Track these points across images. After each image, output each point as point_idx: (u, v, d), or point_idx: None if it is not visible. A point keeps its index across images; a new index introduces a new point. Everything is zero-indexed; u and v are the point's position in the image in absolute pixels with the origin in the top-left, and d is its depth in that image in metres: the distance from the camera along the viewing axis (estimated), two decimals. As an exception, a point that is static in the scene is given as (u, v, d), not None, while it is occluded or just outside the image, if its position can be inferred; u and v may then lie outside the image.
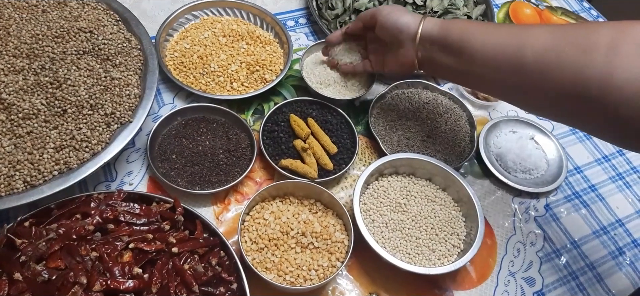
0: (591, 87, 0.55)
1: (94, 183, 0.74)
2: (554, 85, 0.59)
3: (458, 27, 0.69)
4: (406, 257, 0.71)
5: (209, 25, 0.92)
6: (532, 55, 0.60)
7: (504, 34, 0.64)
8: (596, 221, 0.85)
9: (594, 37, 0.56)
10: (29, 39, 0.72)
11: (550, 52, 0.58)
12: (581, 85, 0.56)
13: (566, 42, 0.57)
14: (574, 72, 0.56)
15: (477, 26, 0.68)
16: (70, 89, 0.70)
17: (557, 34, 0.59)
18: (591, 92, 0.55)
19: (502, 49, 0.63)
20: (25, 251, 0.55)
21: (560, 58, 0.57)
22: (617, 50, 0.54)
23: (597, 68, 0.54)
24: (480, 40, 0.66)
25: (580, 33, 0.58)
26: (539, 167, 0.87)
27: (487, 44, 0.65)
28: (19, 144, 0.65)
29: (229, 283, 0.62)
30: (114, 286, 0.54)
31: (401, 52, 0.75)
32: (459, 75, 0.73)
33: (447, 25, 0.70)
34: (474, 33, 0.67)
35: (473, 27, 0.68)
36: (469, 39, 0.67)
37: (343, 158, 0.80)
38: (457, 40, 0.68)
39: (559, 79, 0.58)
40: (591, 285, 0.78)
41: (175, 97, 0.85)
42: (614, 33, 0.55)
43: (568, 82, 0.57)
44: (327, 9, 1.00)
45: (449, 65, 0.71)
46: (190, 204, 0.69)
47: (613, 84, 0.53)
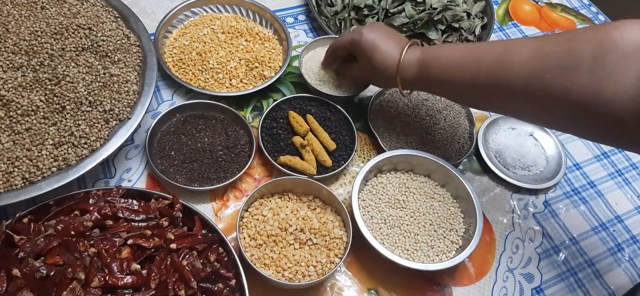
0: (581, 107, 0.55)
1: (92, 180, 0.74)
2: (543, 108, 0.60)
3: (437, 67, 0.69)
4: (405, 253, 0.71)
5: (208, 22, 0.92)
6: (517, 87, 0.60)
7: (485, 68, 0.64)
8: (595, 217, 0.85)
9: (577, 56, 0.55)
10: (27, 35, 0.72)
11: (536, 81, 0.58)
12: (570, 106, 0.56)
13: (549, 67, 0.57)
14: (563, 97, 0.56)
15: (457, 61, 0.67)
16: (69, 86, 0.70)
17: (537, 58, 0.59)
18: (581, 111, 0.56)
19: (488, 83, 0.63)
20: (23, 247, 0.55)
21: (547, 85, 0.57)
22: (602, 65, 0.53)
23: (583, 89, 0.54)
24: (463, 79, 0.66)
25: (562, 51, 0.57)
26: (537, 163, 0.87)
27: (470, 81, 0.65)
28: (18, 141, 0.65)
29: (228, 279, 0.62)
30: (112, 282, 0.54)
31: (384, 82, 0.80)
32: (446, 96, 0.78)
33: (425, 64, 0.70)
34: (455, 71, 0.67)
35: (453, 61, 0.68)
36: (450, 79, 0.68)
37: (342, 155, 0.80)
38: (438, 79, 0.69)
39: (548, 103, 0.59)
40: (590, 281, 0.78)
41: (174, 94, 0.85)
42: (595, 45, 0.54)
43: (557, 105, 0.58)
44: (327, 6, 1.00)
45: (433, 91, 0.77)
46: (189, 201, 0.69)
47: (602, 100, 0.53)
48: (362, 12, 0.96)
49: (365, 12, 0.96)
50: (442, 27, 0.96)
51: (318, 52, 0.90)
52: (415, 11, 0.95)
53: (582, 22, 1.17)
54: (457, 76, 0.67)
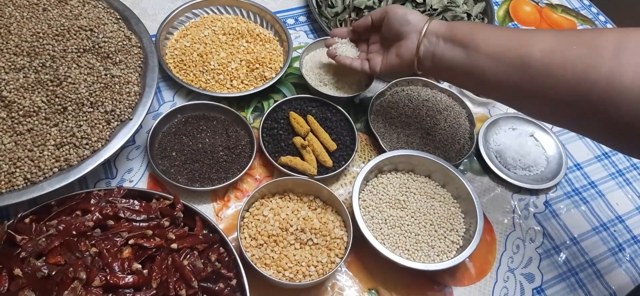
0: (597, 88, 0.54)
1: (94, 181, 0.74)
2: (558, 85, 0.58)
3: (465, 24, 0.70)
4: (405, 253, 0.71)
5: (209, 23, 0.93)
6: (538, 53, 0.59)
7: (510, 33, 0.64)
8: (596, 217, 0.85)
9: (600, 40, 0.55)
10: (29, 37, 0.73)
11: (556, 52, 0.58)
12: (586, 85, 0.55)
13: (572, 43, 0.57)
14: (580, 72, 0.55)
15: (484, 26, 0.69)
16: (71, 87, 0.70)
17: (562, 36, 0.59)
18: (596, 93, 0.54)
19: (508, 44, 0.63)
20: (25, 247, 0.55)
21: (566, 58, 0.57)
22: (624, 52, 0.53)
23: (603, 69, 0.54)
24: (487, 35, 0.65)
25: (585, 36, 0.57)
26: (538, 163, 0.87)
27: (494, 39, 0.64)
28: (20, 141, 0.65)
29: (229, 279, 0.63)
30: (114, 281, 0.54)
31: (403, 45, 0.73)
32: (461, 72, 0.69)
33: (454, 23, 0.71)
34: (481, 29, 0.67)
35: (480, 26, 0.69)
36: (476, 34, 0.66)
37: (342, 155, 0.80)
38: (463, 33, 0.68)
39: (564, 79, 0.57)
40: (591, 281, 0.78)
41: (176, 95, 0.85)
42: (619, 36, 0.54)
43: (573, 83, 0.56)
44: (327, 7, 1.00)
45: (451, 59, 0.69)
46: (190, 201, 0.69)
47: (619, 86, 0.53)
48: (363, 13, 0.96)
49: (365, 13, 0.96)
50: (442, 28, 0.96)
51: (319, 53, 0.90)
52: (416, 12, 0.95)
53: (583, 22, 1.17)
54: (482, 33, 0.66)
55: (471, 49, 0.66)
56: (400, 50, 0.74)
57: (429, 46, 0.71)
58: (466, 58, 0.67)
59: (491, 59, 0.64)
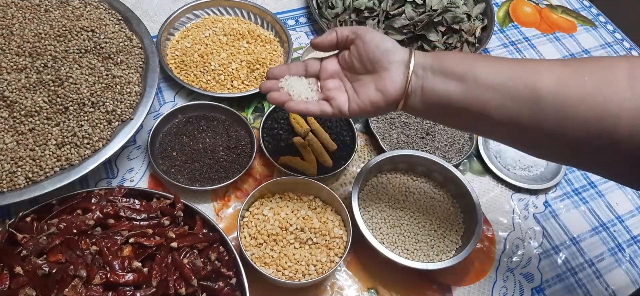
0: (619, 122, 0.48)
1: (95, 180, 0.75)
2: (576, 120, 0.50)
3: (455, 55, 0.59)
4: (405, 253, 0.72)
5: (210, 24, 0.93)
6: (549, 84, 0.51)
7: (512, 62, 0.55)
8: (595, 218, 0.85)
9: (612, 70, 0.49)
10: (31, 37, 0.73)
11: (569, 83, 0.50)
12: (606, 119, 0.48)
13: (584, 73, 0.50)
14: (598, 105, 0.49)
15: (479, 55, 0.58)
16: (72, 87, 0.70)
17: (571, 66, 0.52)
18: (619, 127, 0.48)
19: (513, 74, 0.53)
20: (26, 245, 0.56)
21: (581, 88, 0.49)
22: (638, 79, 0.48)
23: (622, 100, 0.48)
24: (486, 65, 0.55)
25: (595, 65, 0.51)
26: (538, 163, 0.88)
27: (495, 69, 0.54)
28: (21, 141, 0.66)
29: (228, 278, 0.63)
30: (114, 279, 0.54)
31: (386, 78, 0.59)
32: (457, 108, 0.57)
33: (439, 54, 0.59)
34: (477, 59, 0.56)
35: (475, 55, 0.60)
36: (473, 64, 0.55)
37: (342, 155, 0.81)
38: (456, 64, 0.56)
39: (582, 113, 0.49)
40: (590, 281, 0.78)
41: (176, 95, 0.86)
42: (629, 63, 0.49)
43: (592, 117, 0.49)
44: (327, 8, 1.01)
45: (445, 94, 0.57)
46: (191, 201, 0.70)
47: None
48: (363, 14, 0.97)
49: (365, 14, 0.97)
50: (442, 29, 0.96)
51: (319, 54, 0.91)
52: (416, 13, 0.95)
53: (583, 23, 1.17)
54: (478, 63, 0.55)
55: (469, 81, 0.55)
56: (383, 85, 0.59)
57: (417, 80, 0.58)
58: (464, 92, 0.55)
59: (495, 91, 0.53)
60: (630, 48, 1.15)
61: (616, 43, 1.15)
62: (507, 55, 1.07)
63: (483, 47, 0.99)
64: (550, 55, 1.09)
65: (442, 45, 0.96)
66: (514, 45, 1.09)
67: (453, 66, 0.56)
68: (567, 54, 1.10)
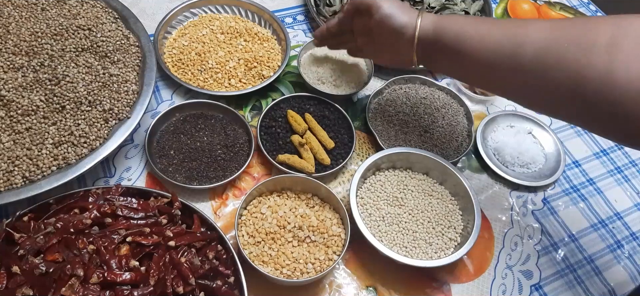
0: (592, 87, 0.54)
1: (92, 179, 0.74)
2: (554, 85, 0.57)
3: (453, 28, 0.66)
4: (403, 250, 0.72)
5: (207, 22, 0.93)
6: (530, 56, 0.58)
7: (500, 33, 0.62)
8: (594, 214, 0.85)
9: (593, 35, 0.54)
10: (28, 36, 0.73)
11: (549, 52, 0.57)
12: (582, 85, 0.54)
13: (565, 41, 0.56)
14: (574, 72, 0.55)
15: (472, 25, 0.65)
16: (69, 86, 0.70)
17: (555, 32, 0.57)
18: (592, 91, 0.54)
19: (500, 49, 0.61)
20: (23, 245, 0.56)
21: (560, 57, 0.56)
22: (618, 48, 0.52)
23: (597, 67, 0.53)
24: (477, 40, 0.63)
25: (578, 31, 0.56)
26: (536, 160, 0.87)
27: (484, 44, 0.62)
28: (18, 140, 0.66)
29: (226, 277, 0.63)
30: (111, 278, 0.54)
31: (398, 51, 0.72)
32: (457, 73, 0.73)
33: (442, 26, 0.67)
34: (470, 32, 0.64)
35: (469, 25, 0.65)
36: (465, 40, 0.64)
37: (340, 153, 0.80)
38: (452, 41, 0.66)
39: (559, 80, 0.56)
40: (589, 277, 0.78)
41: (174, 94, 0.86)
42: (613, 29, 0.53)
43: (569, 82, 0.56)
44: (325, 6, 1.01)
45: (446, 65, 0.70)
46: (189, 199, 0.70)
47: (615, 83, 0.52)
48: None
49: (363, 11, 0.96)
50: (440, 26, 0.96)
51: (317, 51, 0.91)
52: (414, 10, 0.95)
53: (581, 20, 1.17)
54: (474, 30, 0.64)
55: (462, 56, 0.65)
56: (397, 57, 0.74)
57: (423, 53, 0.70)
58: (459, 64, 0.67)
59: (483, 65, 0.63)
60: (629, 44, 1.14)
61: (614, 39, 1.14)
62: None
63: (481, 44, 0.98)
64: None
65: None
66: (512, 42, 1.09)
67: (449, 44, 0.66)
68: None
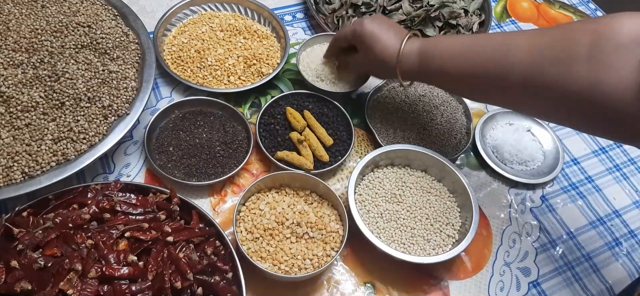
0: (578, 99, 0.56)
1: (92, 175, 0.75)
2: (542, 100, 0.60)
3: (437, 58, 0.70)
4: (401, 247, 0.72)
5: (207, 20, 0.93)
6: (517, 79, 0.61)
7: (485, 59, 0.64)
8: (593, 212, 0.85)
9: (573, 49, 0.55)
10: (28, 33, 0.73)
11: (535, 77, 0.59)
12: (568, 98, 0.56)
13: (547, 59, 0.58)
14: (560, 88, 0.57)
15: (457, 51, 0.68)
16: (69, 82, 0.71)
17: (536, 50, 0.59)
18: (578, 103, 0.56)
19: (486, 74, 0.64)
20: (22, 239, 0.56)
21: (545, 78, 0.58)
22: (598, 59, 0.53)
23: (580, 82, 0.55)
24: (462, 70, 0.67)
25: (558, 48, 0.57)
26: (535, 158, 0.87)
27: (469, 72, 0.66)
28: (18, 136, 0.66)
29: (224, 272, 0.63)
30: (109, 273, 0.54)
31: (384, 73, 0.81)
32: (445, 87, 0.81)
33: (425, 55, 0.71)
34: (455, 62, 0.68)
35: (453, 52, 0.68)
36: (450, 70, 0.68)
37: (339, 150, 0.81)
38: (437, 70, 0.70)
39: (547, 96, 0.59)
40: (587, 275, 0.78)
41: (173, 91, 0.86)
42: (591, 38, 0.54)
43: (556, 98, 0.58)
44: (324, 4, 1.01)
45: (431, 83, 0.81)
46: (187, 196, 0.70)
47: (600, 92, 0.53)
48: (360, 9, 0.97)
49: (362, 9, 0.97)
50: (439, 24, 0.96)
51: (316, 49, 0.91)
52: (413, 8, 0.95)
53: (581, 18, 1.17)
54: (457, 67, 0.67)
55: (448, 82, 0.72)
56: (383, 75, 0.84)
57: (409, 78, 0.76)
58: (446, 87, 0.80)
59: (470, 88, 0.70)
60: (628, 43, 1.14)
61: (614, 38, 1.15)
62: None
63: (480, 42, 0.99)
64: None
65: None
66: (512, 40, 1.09)
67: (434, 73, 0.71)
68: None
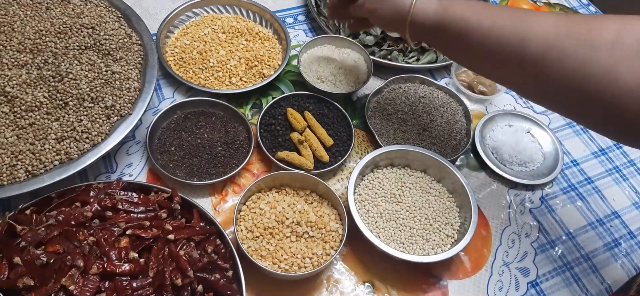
0: (594, 82, 0.54)
1: (94, 175, 0.76)
2: (555, 79, 0.58)
3: (458, 12, 0.65)
4: (400, 246, 0.72)
5: (209, 22, 0.94)
6: (535, 50, 0.58)
7: (507, 23, 0.61)
8: (592, 213, 0.85)
9: (598, 33, 0.55)
10: (32, 34, 0.74)
11: (554, 47, 0.57)
12: (584, 81, 0.55)
13: (570, 38, 0.57)
14: (577, 68, 0.55)
15: (478, 10, 0.64)
16: (72, 82, 0.72)
17: (561, 27, 0.58)
18: (594, 87, 0.54)
19: (506, 40, 0.61)
20: (25, 236, 0.57)
21: (564, 53, 0.56)
22: (622, 46, 0.53)
23: (600, 64, 0.54)
24: (481, 33, 0.63)
25: (583, 28, 0.57)
26: (534, 159, 0.88)
27: (490, 33, 0.62)
28: (22, 135, 0.67)
29: (225, 270, 0.64)
30: (110, 269, 0.55)
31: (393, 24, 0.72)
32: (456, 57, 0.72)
33: (444, 8, 0.66)
34: (476, 19, 0.63)
35: (474, 10, 0.64)
36: (468, 32, 0.64)
37: (339, 150, 0.81)
38: (455, 30, 0.65)
39: (561, 74, 0.57)
40: (586, 275, 0.78)
41: (175, 92, 0.87)
42: (618, 28, 0.54)
43: (571, 77, 0.56)
44: (325, 6, 1.02)
45: (446, 48, 0.71)
46: (189, 195, 0.71)
47: (615, 79, 0.53)
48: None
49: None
50: (439, 26, 0.97)
51: (317, 51, 0.92)
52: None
53: (581, 21, 1.18)
54: (477, 21, 0.63)
55: (464, 44, 0.65)
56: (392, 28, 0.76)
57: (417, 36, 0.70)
58: (459, 50, 0.68)
59: (486, 55, 0.63)
60: (629, 45, 1.15)
61: (614, 40, 1.15)
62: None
63: (480, 44, 0.99)
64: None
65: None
66: (512, 42, 1.09)
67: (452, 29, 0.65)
68: (565, 51, 1.10)
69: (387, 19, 0.71)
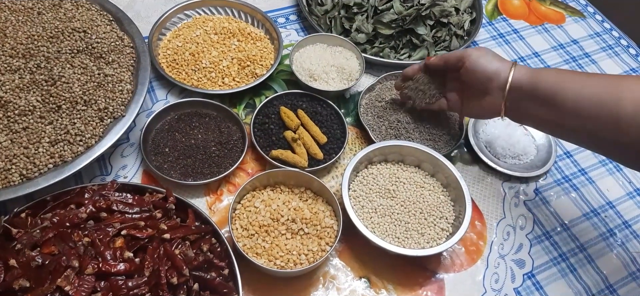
0: None
1: (89, 177, 0.76)
2: None
3: (551, 77, 0.67)
4: (395, 241, 0.72)
5: (201, 23, 0.95)
6: (631, 108, 0.59)
7: (600, 85, 0.63)
8: (586, 204, 0.85)
9: None
10: (25, 39, 0.75)
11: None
12: None
13: None
14: None
15: (570, 76, 0.66)
16: (65, 86, 0.72)
17: None
18: None
19: (599, 99, 0.62)
20: (20, 239, 0.57)
21: None
22: None
23: None
24: (576, 89, 0.64)
25: None
26: (528, 152, 0.88)
27: (583, 93, 0.63)
28: (15, 139, 0.67)
29: (221, 269, 0.64)
30: (106, 269, 0.55)
31: (487, 100, 0.73)
32: (548, 124, 0.70)
33: (538, 75, 0.69)
34: (568, 82, 0.65)
35: (567, 76, 0.67)
36: (563, 88, 0.65)
37: (333, 147, 0.82)
38: (549, 90, 0.66)
39: None
40: (582, 265, 0.78)
41: (169, 93, 0.87)
42: None
43: None
44: (317, 5, 1.02)
45: (538, 116, 0.70)
46: (184, 195, 0.71)
47: None
48: (352, 10, 0.98)
49: (354, 10, 0.98)
50: (430, 23, 0.97)
51: (309, 50, 0.92)
52: (404, 7, 0.97)
53: (572, 14, 1.18)
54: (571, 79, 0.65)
55: (558, 106, 0.66)
56: (484, 105, 0.74)
57: (513, 103, 0.71)
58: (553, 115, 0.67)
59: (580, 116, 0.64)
60: (620, 37, 1.16)
61: (605, 33, 1.16)
62: (496, 47, 1.08)
63: (472, 39, 1.00)
64: (540, 47, 1.10)
65: (431, 39, 0.97)
66: (503, 37, 1.10)
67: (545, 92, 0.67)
68: (556, 44, 1.11)
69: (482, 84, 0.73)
